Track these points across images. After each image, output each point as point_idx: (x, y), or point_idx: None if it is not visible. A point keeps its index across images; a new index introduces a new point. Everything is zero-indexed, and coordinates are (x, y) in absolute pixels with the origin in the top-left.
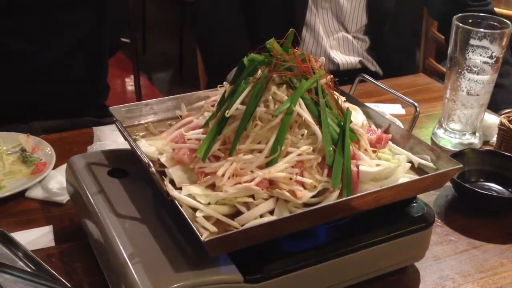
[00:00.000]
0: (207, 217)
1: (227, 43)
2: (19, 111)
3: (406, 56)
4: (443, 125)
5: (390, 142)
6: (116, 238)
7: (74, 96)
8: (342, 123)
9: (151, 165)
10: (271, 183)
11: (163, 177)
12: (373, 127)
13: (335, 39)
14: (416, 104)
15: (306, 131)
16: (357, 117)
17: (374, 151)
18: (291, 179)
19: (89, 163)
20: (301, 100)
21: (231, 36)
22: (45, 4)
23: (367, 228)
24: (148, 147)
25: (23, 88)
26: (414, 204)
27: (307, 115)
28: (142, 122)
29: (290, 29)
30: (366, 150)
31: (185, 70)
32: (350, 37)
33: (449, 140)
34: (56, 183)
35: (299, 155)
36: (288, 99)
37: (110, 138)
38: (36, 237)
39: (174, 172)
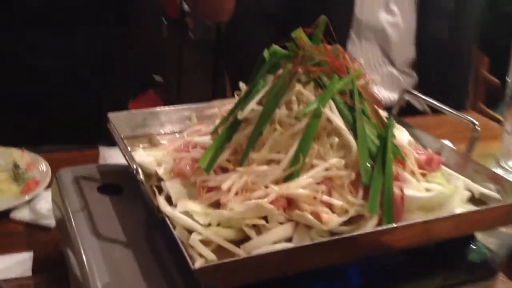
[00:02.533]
0: (206, 242)
1: None
2: (27, 136)
3: (456, 95)
4: (502, 163)
5: (443, 167)
6: (93, 265)
7: (89, 121)
8: (383, 136)
9: (140, 171)
10: (290, 204)
11: (158, 192)
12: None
13: (379, 74)
14: (475, 121)
15: (337, 140)
16: (401, 136)
17: (423, 174)
18: (315, 198)
19: (79, 177)
20: (332, 103)
21: None
22: (65, 17)
23: (411, 273)
24: (145, 157)
25: (34, 109)
26: (473, 247)
27: (339, 121)
28: (147, 133)
29: (321, 16)
30: (413, 172)
31: None
32: (395, 72)
33: None
34: (46, 203)
35: (327, 169)
36: (316, 99)
37: (117, 158)
38: (12, 264)
39: (172, 186)
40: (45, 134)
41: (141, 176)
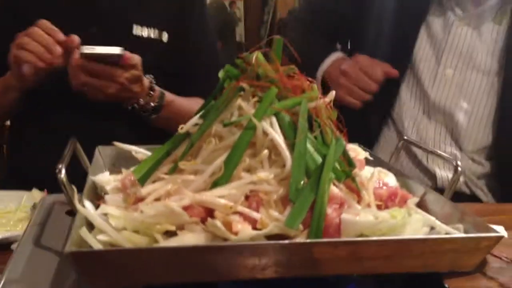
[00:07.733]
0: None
1: None
2: None
3: None
4: None
5: (413, 205)
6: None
7: None
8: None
9: (63, 171)
10: (211, 215)
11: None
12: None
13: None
14: (458, 162)
15: (266, 153)
16: (368, 172)
17: (380, 206)
18: (231, 208)
19: (56, 202)
20: (273, 119)
21: None
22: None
23: None
24: (103, 177)
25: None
26: None
27: (277, 135)
28: None
29: (276, 38)
30: (369, 205)
31: None
32: (461, 157)
33: None
34: None
35: (253, 183)
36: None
37: None
38: None
39: (111, 198)
40: None
41: (63, 176)
